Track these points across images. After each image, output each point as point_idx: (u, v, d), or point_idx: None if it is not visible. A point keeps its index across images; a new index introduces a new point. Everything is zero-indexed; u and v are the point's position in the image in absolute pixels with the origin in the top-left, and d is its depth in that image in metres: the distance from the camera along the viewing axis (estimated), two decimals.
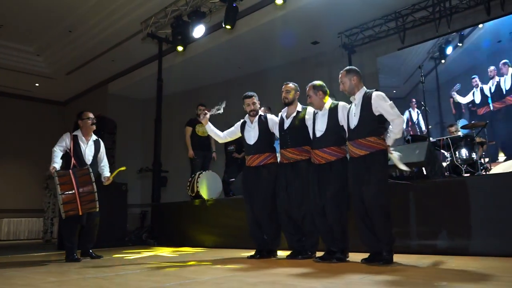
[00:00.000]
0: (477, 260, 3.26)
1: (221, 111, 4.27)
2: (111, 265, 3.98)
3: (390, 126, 3.38)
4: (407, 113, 8.03)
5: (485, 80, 7.20)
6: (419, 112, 7.77)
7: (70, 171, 4.37)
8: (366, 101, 3.41)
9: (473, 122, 5.94)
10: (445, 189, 3.93)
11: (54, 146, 4.57)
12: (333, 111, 3.72)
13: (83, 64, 11.09)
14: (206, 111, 4.36)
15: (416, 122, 7.96)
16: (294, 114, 4.06)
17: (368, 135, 3.33)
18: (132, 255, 5.11)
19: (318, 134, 3.74)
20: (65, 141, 4.59)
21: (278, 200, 4.04)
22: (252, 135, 4.26)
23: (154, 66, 8.97)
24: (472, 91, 7.32)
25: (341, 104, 3.73)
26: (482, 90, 7.21)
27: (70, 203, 4.21)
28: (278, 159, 4.20)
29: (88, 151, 4.67)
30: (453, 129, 6.65)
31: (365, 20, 8.55)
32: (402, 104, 8.07)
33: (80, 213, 4.30)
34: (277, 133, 4.22)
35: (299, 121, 4.00)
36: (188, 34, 7.30)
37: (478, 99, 7.25)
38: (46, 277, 3.19)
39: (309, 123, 3.92)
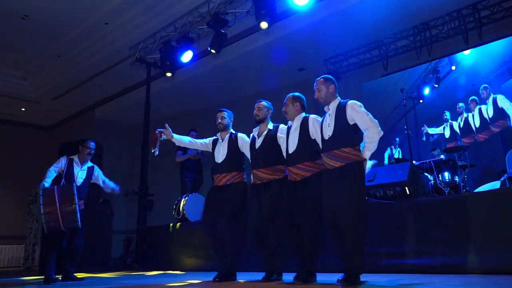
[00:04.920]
0: (458, 277, 3.29)
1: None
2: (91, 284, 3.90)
3: (365, 138, 3.22)
4: (388, 149, 8.09)
5: (454, 117, 7.48)
6: (400, 150, 7.89)
7: (55, 187, 4.49)
8: (341, 111, 3.30)
9: (455, 145, 6.07)
10: (428, 208, 4.00)
11: (48, 167, 4.76)
12: (304, 125, 3.61)
13: (70, 89, 11.08)
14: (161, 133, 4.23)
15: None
16: (265, 132, 3.96)
17: (343, 145, 3.20)
18: None
19: (291, 150, 3.62)
20: (61, 162, 4.81)
21: (250, 222, 3.91)
22: (220, 153, 4.15)
23: (142, 91, 9.02)
24: (443, 126, 7.61)
25: (312, 116, 3.63)
26: (451, 126, 7.47)
27: (51, 214, 4.30)
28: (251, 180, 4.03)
29: (80, 174, 4.85)
30: (435, 152, 6.80)
31: (349, 48, 8.79)
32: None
33: (62, 228, 4.35)
34: (247, 153, 4.11)
35: (271, 140, 3.91)
36: (176, 59, 7.42)
37: (447, 134, 7.50)
38: None
39: (281, 141, 3.81)
